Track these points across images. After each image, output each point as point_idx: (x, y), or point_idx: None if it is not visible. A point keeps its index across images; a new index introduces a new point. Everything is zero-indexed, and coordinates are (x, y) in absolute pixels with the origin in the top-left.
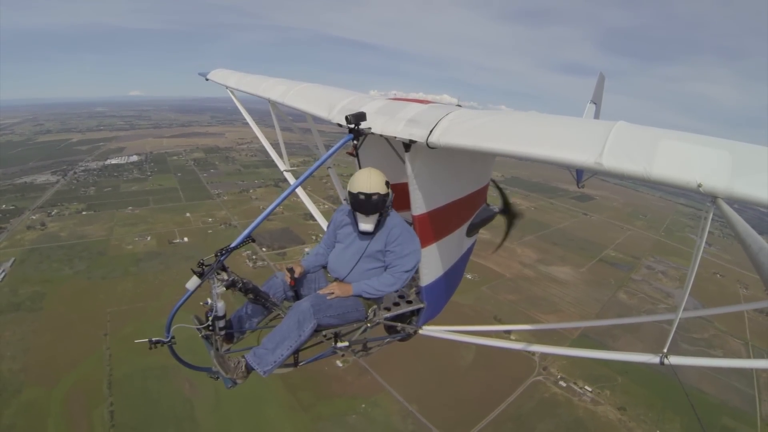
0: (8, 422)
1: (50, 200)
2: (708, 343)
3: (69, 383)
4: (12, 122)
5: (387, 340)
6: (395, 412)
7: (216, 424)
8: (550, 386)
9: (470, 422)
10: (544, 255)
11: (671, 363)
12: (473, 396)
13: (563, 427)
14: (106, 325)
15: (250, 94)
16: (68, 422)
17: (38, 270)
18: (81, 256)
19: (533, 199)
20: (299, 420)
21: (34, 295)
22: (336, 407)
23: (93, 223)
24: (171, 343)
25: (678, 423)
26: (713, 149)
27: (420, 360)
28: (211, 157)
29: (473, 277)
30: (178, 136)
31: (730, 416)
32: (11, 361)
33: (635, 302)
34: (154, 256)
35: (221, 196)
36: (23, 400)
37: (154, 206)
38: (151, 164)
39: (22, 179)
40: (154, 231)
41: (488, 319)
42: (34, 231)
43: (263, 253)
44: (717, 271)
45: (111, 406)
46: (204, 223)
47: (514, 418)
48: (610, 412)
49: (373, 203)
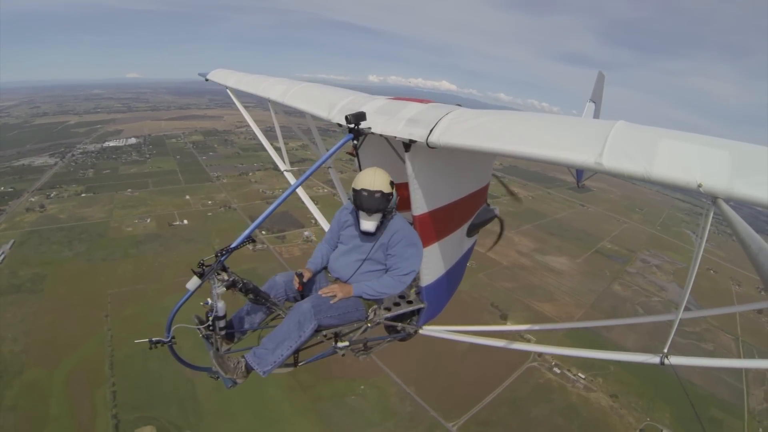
0: (11, 403)
1: (49, 182)
2: (699, 336)
3: (70, 364)
4: (8, 105)
5: (387, 339)
6: (393, 394)
7: (217, 403)
8: (544, 372)
9: (466, 405)
10: (540, 244)
11: (671, 363)
12: (469, 380)
13: (557, 412)
14: (107, 306)
15: (250, 94)
16: (70, 402)
17: (38, 252)
18: (81, 238)
19: (531, 189)
20: (299, 400)
21: (35, 277)
22: (335, 388)
23: (92, 205)
24: (171, 343)
25: (668, 412)
26: (713, 149)
27: (418, 344)
28: (210, 140)
29: (470, 264)
30: (177, 118)
31: (718, 408)
32: (12, 342)
33: (629, 294)
34: (154, 238)
35: (220, 178)
36: (25, 381)
37: (153, 188)
38: (149, 147)
39: (20, 162)
40: (154, 213)
41: (485, 305)
42: (34, 213)
43: (263, 236)
44: (711, 267)
45: (113, 387)
46: (204, 206)
47: (509, 402)
48: (602, 399)
49: (375, 201)
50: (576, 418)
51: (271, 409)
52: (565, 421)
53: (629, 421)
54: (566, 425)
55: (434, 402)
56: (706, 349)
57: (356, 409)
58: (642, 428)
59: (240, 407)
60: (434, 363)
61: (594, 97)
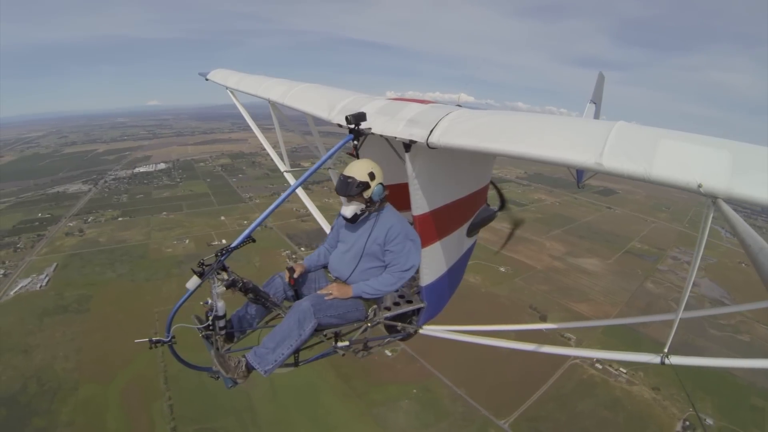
0: (67, 419)
1: (84, 208)
2: (735, 329)
3: (124, 379)
4: (36, 135)
5: (387, 339)
6: (445, 396)
7: (274, 413)
8: (586, 368)
9: (515, 403)
10: (571, 248)
11: (672, 363)
12: (515, 379)
13: (602, 405)
14: (155, 324)
15: (250, 94)
16: (128, 416)
17: (81, 274)
18: (122, 260)
19: (557, 195)
20: (355, 406)
21: (80, 298)
22: (389, 393)
23: (130, 228)
24: (171, 343)
25: (709, 402)
26: (713, 149)
27: (462, 347)
28: (238, 162)
29: (506, 270)
30: (202, 143)
31: (758, 396)
32: (64, 360)
33: (663, 291)
34: (194, 257)
35: (252, 199)
36: (80, 398)
37: (187, 211)
38: (179, 171)
39: (54, 189)
40: (191, 234)
41: (524, 307)
42: (73, 237)
43: (302, 252)
44: (742, 260)
45: (169, 400)
46: (239, 225)
47: (555, 399)
48: (645, 391)
49: (345, 185)
50: (621, 411)
51: (328, 416)
52: (610, 414)
53: (673, 412)
54: (612, 417)
55: (484, 401)
56: (742, 341)
57: (411, 412)
58: (686, 418)
59: (297, 416)
60: (480, 365)
61: (594, 98)
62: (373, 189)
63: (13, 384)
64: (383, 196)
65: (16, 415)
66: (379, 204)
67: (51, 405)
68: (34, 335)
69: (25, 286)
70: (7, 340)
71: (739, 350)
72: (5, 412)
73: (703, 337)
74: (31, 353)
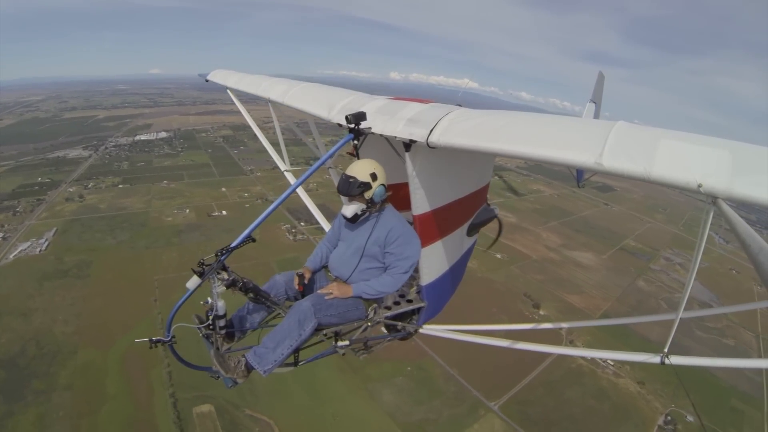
0: (66, 382)
1: (85, 174)
2: (721, 332)
3: (124, 346)
4: (36, 99)
5: (388, 339)
6: (438, 375)
7: (272, 383)
8: (575, 358)
9: (506, 386)
10: (567, 240)
11: (672, 363)
12: (507, 364)
13: (589, 394)
14: (155, 291)
15: (250, 94)
16: (127, 382)
17: (81, 239)
18: (122, 227)
19: (556, 187)
20: (350, 380)
21: (81, 263)
22: (384, 370)
23: (130, 195)
24: (171, 342)
25: (690, 401)
26: (713, 149)
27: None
28: (239, 134)
29: (502, 257)
30: (203, 113)
31: (738, 399)
32: (64, 324)
33: (654, 290)
34: (195, 227)
35: (254, 172)
36: (79, 362)
37: (188, 181)
38: (180, 140)
39: (55, 153)
40: (192, 204)
41: (518, 295)
42: (73, 203)
43: (301, 227)
44: (733, 267)
45: (168, 367)
46: (240, 198)
47: (544, 384)
48: (630, 384)
49: (347, 185)
50: (606, 401)
51: (324, 388)
52: (596, 402)
53: (656, 406)
54: (598, 406)
55: (476, 383)
56: (727, 344)
57: (404, 389)
58: (668, 412)
59: (295, 387)
60: (474, 348)
61: (594, 97)
62: (374, 190)
63: (12, 346)
64: (385, 198)
65: (16, 377)
66: (380, 205)
67: (50, 368)
68: (34, 299)
69: (24, 249)
70: (6, 303)
71: (723, 353)
72: (4, 375)
73: (689, 337)
74: (30, 316)
